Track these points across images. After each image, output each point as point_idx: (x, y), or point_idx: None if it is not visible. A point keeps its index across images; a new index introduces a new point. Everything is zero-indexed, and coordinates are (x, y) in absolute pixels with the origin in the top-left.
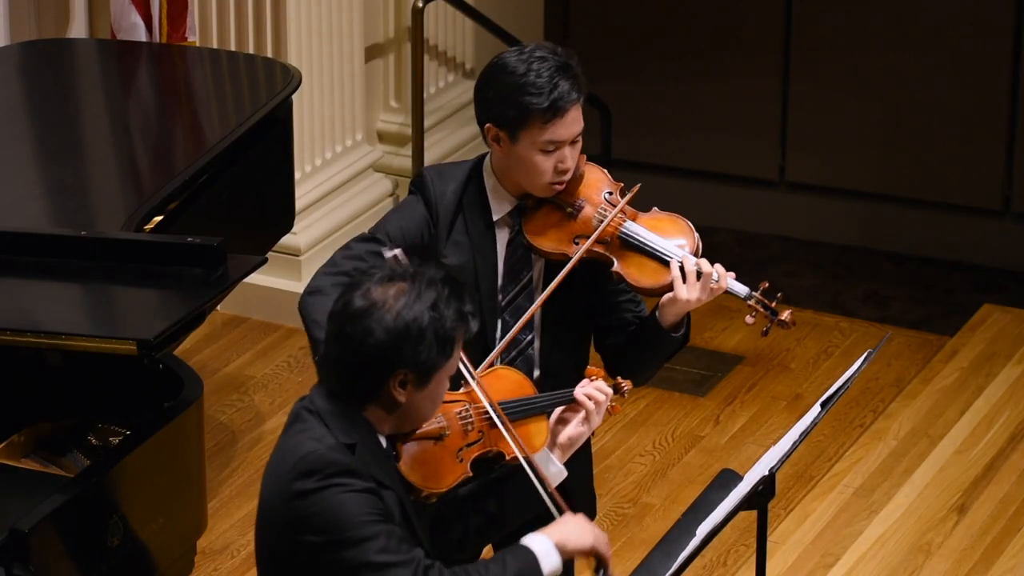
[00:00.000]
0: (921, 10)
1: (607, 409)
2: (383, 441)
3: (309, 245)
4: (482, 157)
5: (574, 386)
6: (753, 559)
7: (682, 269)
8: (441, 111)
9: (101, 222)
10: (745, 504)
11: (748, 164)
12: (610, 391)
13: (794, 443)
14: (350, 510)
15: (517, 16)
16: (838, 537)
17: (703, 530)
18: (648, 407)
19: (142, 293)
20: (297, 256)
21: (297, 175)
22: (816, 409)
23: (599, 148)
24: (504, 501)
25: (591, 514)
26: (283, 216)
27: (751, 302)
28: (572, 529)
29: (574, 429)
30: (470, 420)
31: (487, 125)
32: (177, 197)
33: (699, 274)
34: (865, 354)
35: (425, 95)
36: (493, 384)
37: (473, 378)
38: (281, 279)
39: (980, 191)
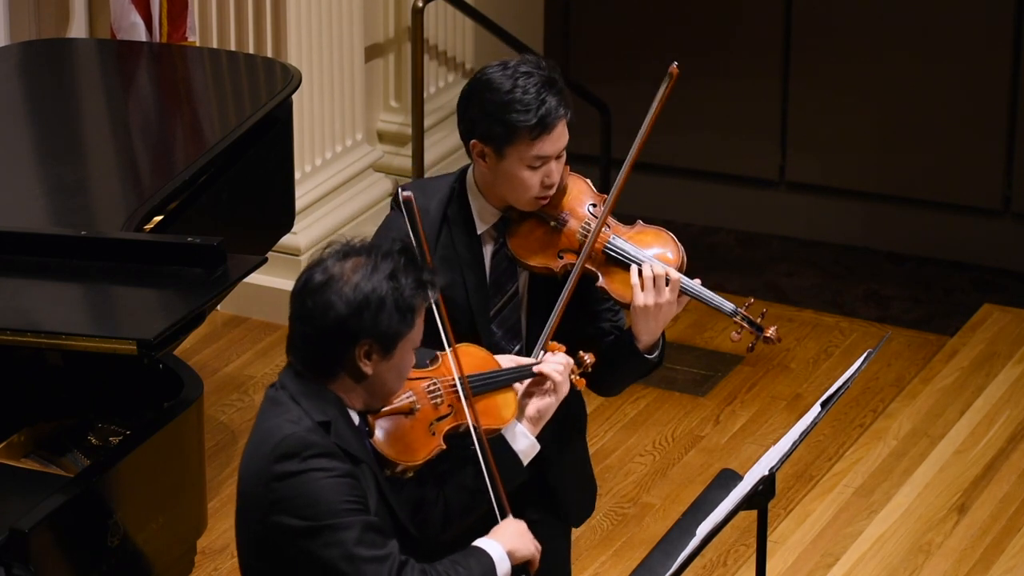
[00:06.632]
0: (921, 11)
1: (572, 381)
2: (355, 417)
3: (309, 245)
4: (464, 170)
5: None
6: (753, 559)
7: (641, 275)
8: (441, 111)
9: (101, 222)
10: (745, 504)
11: (748, 164)
12: (571, 361)
13: (794, 443)
14: (329, 496)
15: (517, 16)
16: (838, 537)
17: (703, 530)
18: (648, 407)
19: (142, 293)
20: (297, 256)
21: (297, 175)
22: (816, 409)
23: (599, 148)
24: (482, 475)
25: (586, 510)
26: (283, 216)
27: (736, 319)
28: (519, 537)
29: (541, 401)
30: (439, 394)
31: (472, 141)
32: (177, 197)
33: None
34: (865, 354)
35: (425, 95)
36: (460, 359)
37: (450, 345)
38: (281, 279)
39: (980, 191)
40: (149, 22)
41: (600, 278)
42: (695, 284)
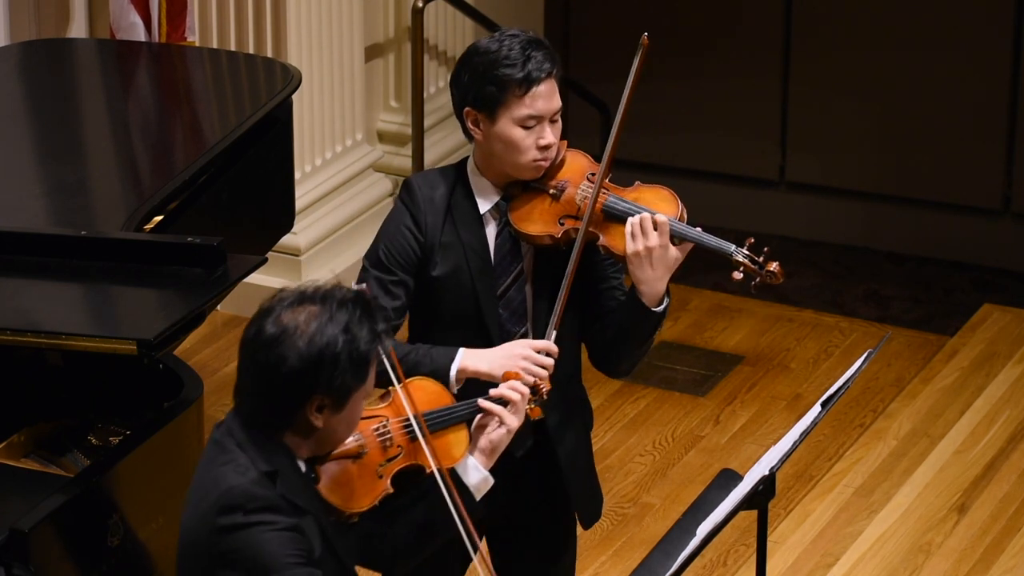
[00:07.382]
0: (921, 10)
1: (527, 412)
2: (302, 465)
3: (309, 245)
4: (466, 159)
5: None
6: (753, 559)
7: (630, 224)
8: (441, 111)
9: (101, 222)
10: (745, 504)
11: (748, 164)
12: (526, 389)
13: (794, 443)
14: (273, 550)
15: (517, 16)
16: (838, 537)
17: (703, 530)
18: (648, 407)
19: (142, 293)
20: (297, 256)
21: (297, 175)
22: (816, 409)
23: (599, 148)
24: (433, 513)
25: (595, 513)
26: (283, 216)
27: (738, 256)
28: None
29: (494, 433)
30: (388, 435)
31: (466, 110)
32: (177, 197)
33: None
34: (865, 354)
35: (425, 95)
36: (412, 395)
37: (399, 381)
38: (281, 279)
39: (980, 191)
40: (148, 22)
41: (600, 238)
42: (695, 230)
